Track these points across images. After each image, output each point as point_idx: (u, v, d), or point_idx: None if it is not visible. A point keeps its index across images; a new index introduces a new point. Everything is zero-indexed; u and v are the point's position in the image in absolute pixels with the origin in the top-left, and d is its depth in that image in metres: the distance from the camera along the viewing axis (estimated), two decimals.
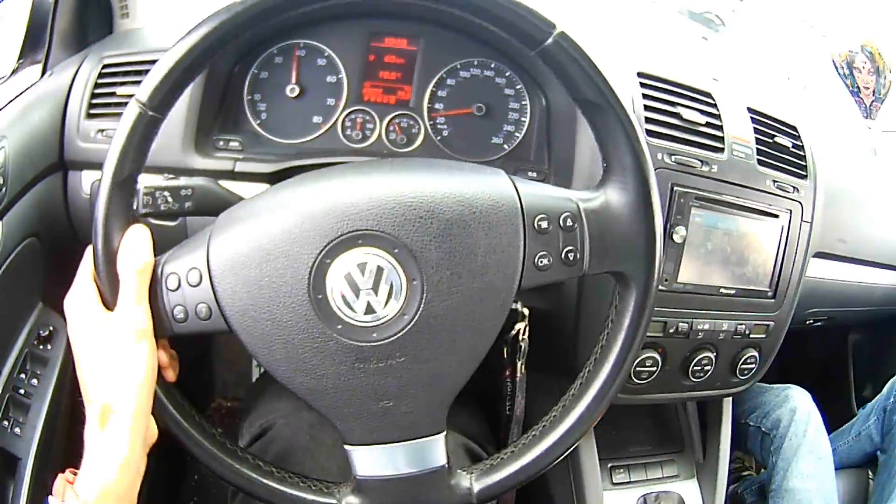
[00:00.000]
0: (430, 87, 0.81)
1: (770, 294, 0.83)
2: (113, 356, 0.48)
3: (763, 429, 0.97)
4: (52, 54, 0.94)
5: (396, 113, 0.81)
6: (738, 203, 0.80)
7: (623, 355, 0.53)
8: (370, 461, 0.51)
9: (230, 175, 0.78)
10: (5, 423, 0.83)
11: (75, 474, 0.49)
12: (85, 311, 0.50)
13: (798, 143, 0.88)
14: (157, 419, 0.53)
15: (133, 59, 0.86)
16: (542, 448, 0.53)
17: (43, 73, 0.95)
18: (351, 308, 0.47)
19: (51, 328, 0.89)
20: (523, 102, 0.80)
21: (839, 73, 1.28)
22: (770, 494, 0.91)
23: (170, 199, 0.60)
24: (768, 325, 0.84)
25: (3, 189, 0.80)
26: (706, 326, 0.80)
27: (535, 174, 0.78)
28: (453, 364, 0.49)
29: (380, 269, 0.47)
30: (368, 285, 0.47)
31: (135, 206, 0.53)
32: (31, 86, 0.93)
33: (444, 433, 0.52)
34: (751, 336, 0.83)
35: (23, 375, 0.86)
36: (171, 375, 0.55)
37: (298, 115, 0.82)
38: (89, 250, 0.51)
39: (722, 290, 0.80)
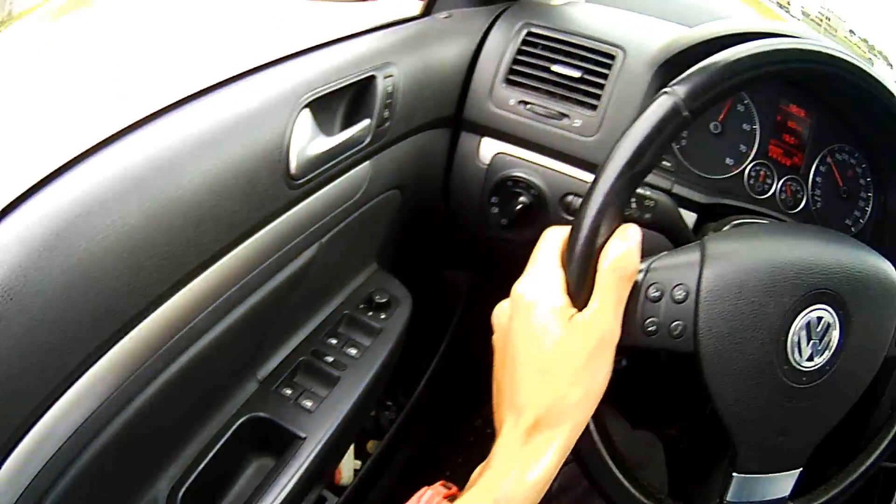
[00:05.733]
0: (816, 161, 0.91)
1: None
2: (574, 362, 0.43)
3: None
4: None
5: (791, 176, 0.89)
6: None
7: None
8: (754, 487, 0.55)
9: (667, 194, 0.79)
10: (287, 390, 0.69)
11: (448, 488, 0.46)
12: (548, 304, 0.44)
13: None
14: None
15: (568, 39, 0.83)
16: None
17: (427, 10, 0.87)
18: (800, 353, 0.52)
19: (390, 295, 0.79)
20: (869, 194, 0.94)
21: None
22: None
23: (634, 205, 0.61)
24: None
25: (388, 123, 0.71)
26: None
27: None
28: (837, 412, 0.57)
29: (829, 326, 0.53)
30: (818, 336, 0.53)
31: None
32: (416, 18, 0.85)
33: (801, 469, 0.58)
34: None
35: (333, 340, 0.74)
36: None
37: (715, 152, 0.85)
38: (553, 233, 0.49)
39: None
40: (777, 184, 0.89)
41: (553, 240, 0.47)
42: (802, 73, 0.54)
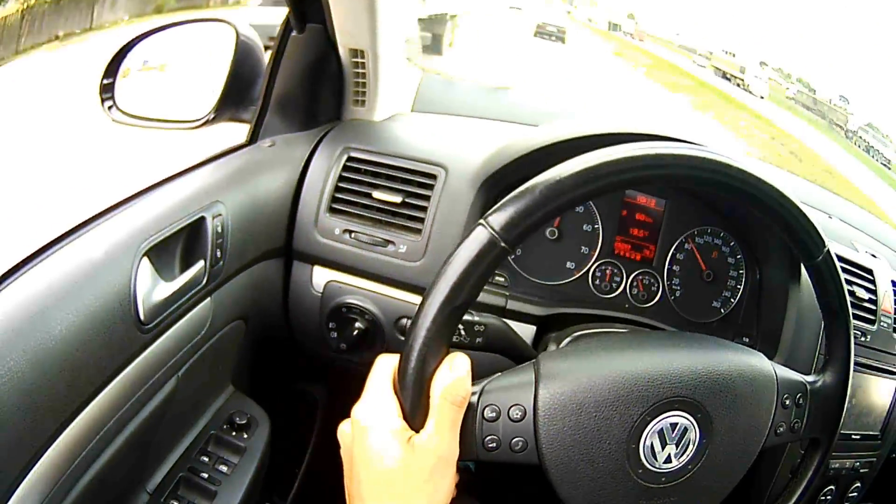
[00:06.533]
0: (672, 250, 0.88)
1: (879, 437, 0.98)
2: (415, 479, 0.47)
3: None
4: (266, 120, 0.86)
5: (641, 270, 0.87)
6: (875, 365, 0.94)
7: (804, 494, 0.66)
8: None
9: (500, 311, 0.79)
10: (174, 502, 0.76)
11: None
12: (385, 426, 0.48)
13: None
14: None
15: (388, 162, 0.82)
16: None
17: (252, 138, 0.87)
18: (655, 458, 0.54)
19: (248, 416, 0.83)
20: (741, 272, 0.90)
21: None
22: None
23: (463, 332, 0.62)
24: (872, 461, 0.99)
25: (222, 263, 0.74)
26: (836, 465, 0.95)
27: (747, 340, 0.89)
28: (709, 502, 0.59)
29: (685, 429, 0.54)
30: (674, 441, 0.54)
31: None
32: (240, 148, 0.85)
33: None
34: (860, 471, 0.98)
35: (205, 458, 0.79)
36: (455, 492, 0.56)
37: (554, 258, 0.84)
38: (384, 361, 0.51)
39: (852, 436, 0.96)
40: (626, 280, 0.87)
41: (385, 368, 0.50)
42: (633, 182, 0.49)
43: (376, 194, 0.81)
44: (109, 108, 0.84)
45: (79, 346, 0.56)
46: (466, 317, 0.63)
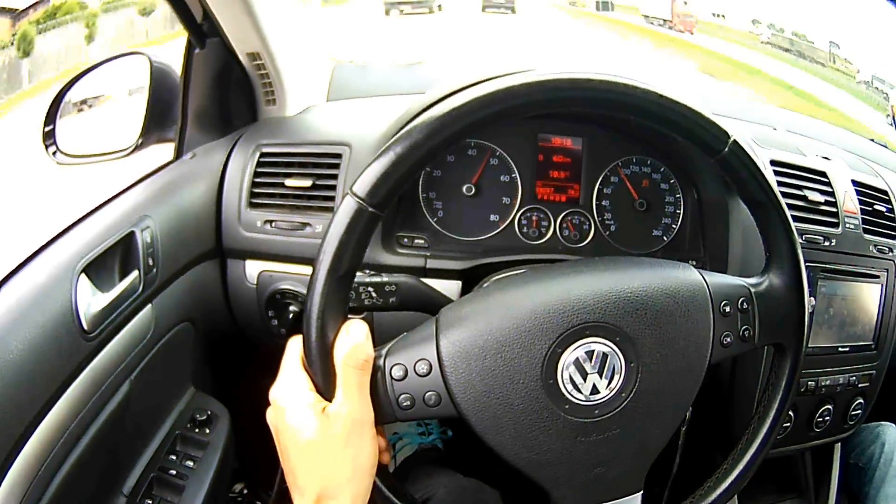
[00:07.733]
0: (597, 185, 0.86)
1: (873, 347, 0.94)
2: (334, 446, 0.49)
3: (860, 464, 1.04)
4: (187, 135, 0.91)
5: (568, 211, 0.86)
6: (851, 270, 0.90)
7: (781, 409, 0.62)
8: None
9: (422, 272, 0.80)
10: (149, 501, 0.81)
11: None
12: (299, 402, 0.50)
13: (890, 206, 1.00)
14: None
15: (296, 151, 0.86)
16: (720, 491, 0.61)
17: (178, 154, 0.92)
18: (578, 390, 0.52)
19: (209, 412, 0.88)
20: (677, 196, 0.88)
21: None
22: None
23: (374, 295, 0.63)
24: (871, 374, 0.95)
25: (155, 270, 0.78)
26: (828, 382, 0.91)
27: (693, 262, 0.85)
28: (658, 432, 0.56)
29: (604, 355, 0.52)
30: (595, 369, 0.52)
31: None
32: (167, 165, 0.90)
33: (642, 491, 0.58)
34: (859, 385, 0.94)
35: (173, 457, 0.85)
36: (386, 458, 0.57)
37: (475, 213, 0.85)
38: (294, 342, 0.52)
39: (839, 349, 0.92)
40: (555, 223, 0.86)
41: (294, 347, 0.53)
42: (490, 120, 0.49)
43: (288, 182, 0.84)
44: (54, 153, 0.91)
45: (32, 358, 0.62)
46: (376, 279, 0.64)
